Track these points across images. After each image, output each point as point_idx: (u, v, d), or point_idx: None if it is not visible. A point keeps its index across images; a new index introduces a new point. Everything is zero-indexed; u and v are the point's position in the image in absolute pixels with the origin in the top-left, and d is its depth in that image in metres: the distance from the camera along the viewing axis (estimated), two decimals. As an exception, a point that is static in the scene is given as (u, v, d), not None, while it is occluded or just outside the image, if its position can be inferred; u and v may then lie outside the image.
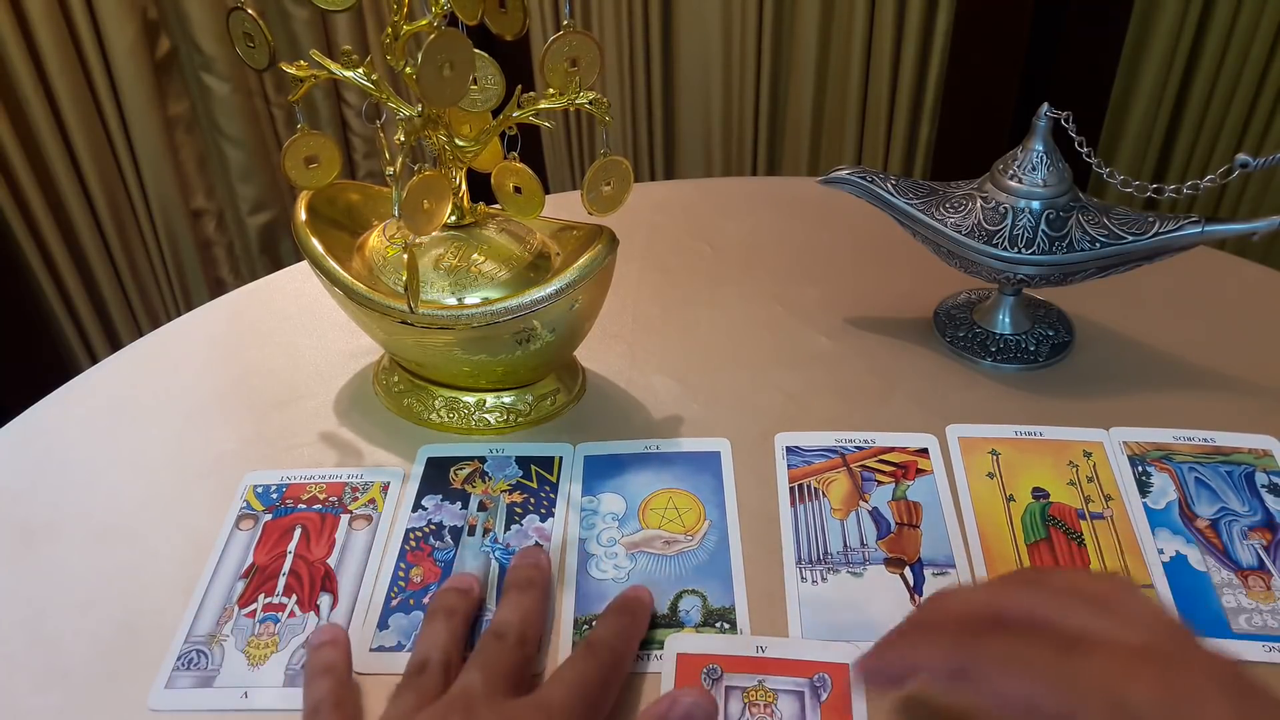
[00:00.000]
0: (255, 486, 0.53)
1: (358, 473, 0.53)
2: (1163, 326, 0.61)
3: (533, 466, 0.53)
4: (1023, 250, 0.54)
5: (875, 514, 0.49)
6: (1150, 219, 0.53)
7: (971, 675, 0.32)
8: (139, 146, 1.29)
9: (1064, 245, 0.54)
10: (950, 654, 0.33)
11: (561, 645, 0.44)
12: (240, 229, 1.46)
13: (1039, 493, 0.50)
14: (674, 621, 0.45)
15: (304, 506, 0.51)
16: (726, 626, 0.44)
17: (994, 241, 0.54)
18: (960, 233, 0.55)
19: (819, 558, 0.47)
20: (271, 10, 1.32)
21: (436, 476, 0.53)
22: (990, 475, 0.52)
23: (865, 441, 0.53)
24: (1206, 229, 0.52)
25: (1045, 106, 0.54)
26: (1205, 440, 0.53)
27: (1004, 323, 0.61)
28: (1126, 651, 0.31)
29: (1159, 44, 1.23)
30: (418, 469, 0.53)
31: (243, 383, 0.61)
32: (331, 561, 0.48)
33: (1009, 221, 0.54)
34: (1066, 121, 0.54)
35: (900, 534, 0.48)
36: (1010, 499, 0.50)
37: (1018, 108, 1.33)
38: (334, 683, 0.40)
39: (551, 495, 0.52)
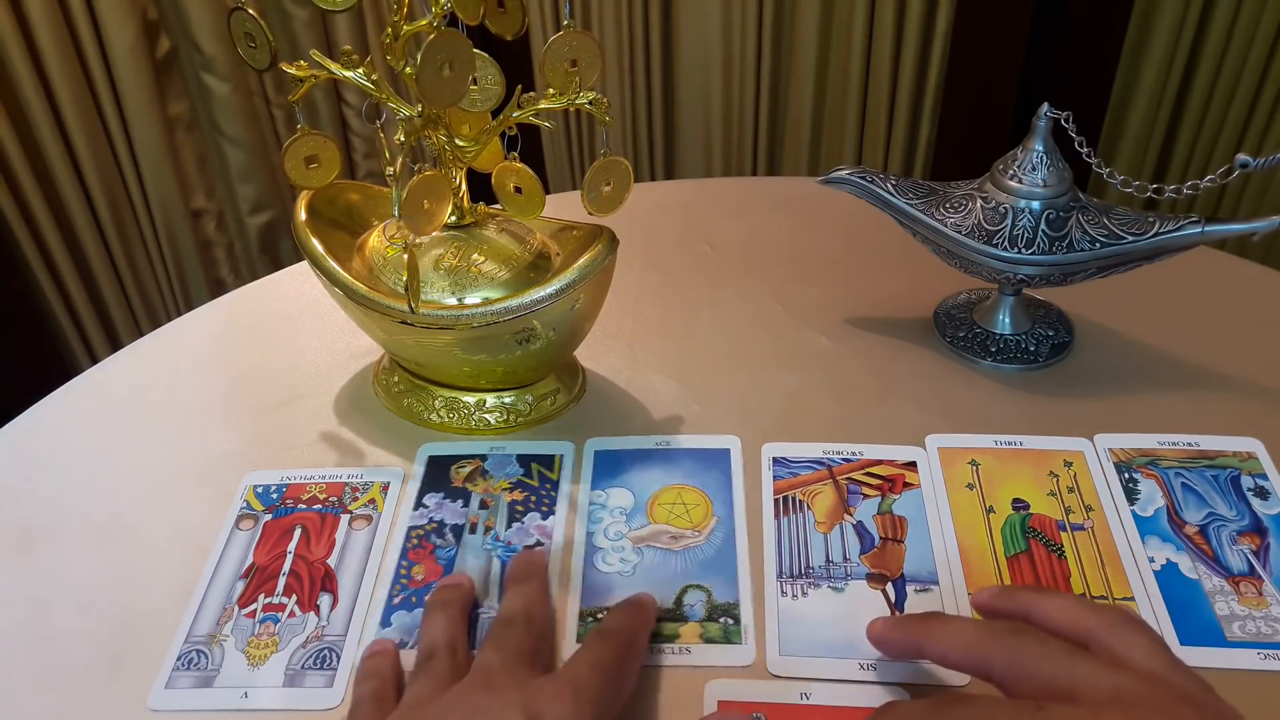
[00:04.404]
0: (255, 486, 0.53)
1: (358, 473, 0.53)
2: (1163, 326, 0.61)
3: (534, 464, 0.53)
4: (1023, 250, 0.54)
5: (860, 528, 0.49)
6: (1150, 219, 0.53)
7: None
8: (139, 146, 1.29)
9: (1064, 245, 0.54)
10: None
11: (568, 637, 0.44)
12: (240, 229, 1.46)
13: (1019, 504, 0.50)
14: (678, 616, 0.45)
15: (304, 506, 0.51)
16: (731, 623, 0.44)
17: (994, 241, 0.54)
18: (960, 233, 0.55)
19: (800, 571, 0.47)
20: (272, 10, 1.32)
21: (438, 475, 0.53)
22: (970, 486, 0.51)
23: (854, 453, 0.53)
24: (1206, 229, 0.52)
25: (1045, 106, 0.54)
26: (1190, 444, 0.52)
27: (1004, 323, 0.61)
28: (1091, 704, 0.32)
29: (1159, 44, 1.23)
30: (419, 467, 0.54)
31: (243, 383, 0.61)
32: (331, 561, 0.48)
33: (1009, 221, 0.54)
34: (1066, 121, 0.54)
35: (884, 549, 0.48)
36: (990, 510, 0.49)
37: (1018, 108, 1.33)
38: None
39: (552, 493, 0.52)
